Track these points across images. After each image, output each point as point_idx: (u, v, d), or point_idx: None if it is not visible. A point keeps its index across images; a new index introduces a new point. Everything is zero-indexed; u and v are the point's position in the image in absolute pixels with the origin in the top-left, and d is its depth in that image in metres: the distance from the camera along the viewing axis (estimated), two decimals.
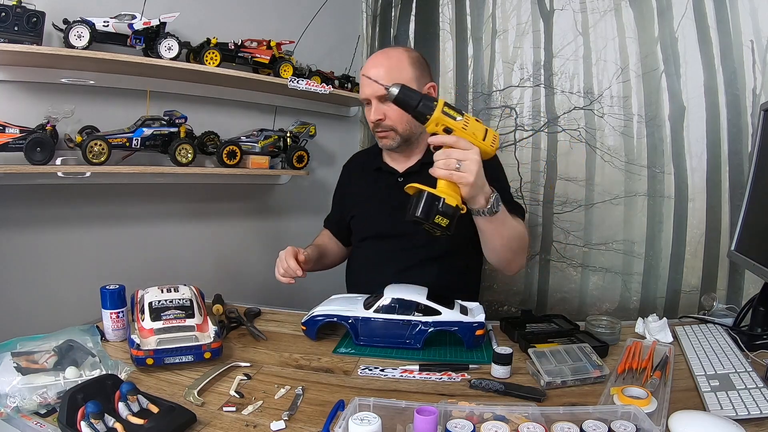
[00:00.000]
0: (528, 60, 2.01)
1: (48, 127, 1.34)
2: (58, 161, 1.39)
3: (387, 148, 1.33)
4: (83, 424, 0.71)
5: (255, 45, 1.76)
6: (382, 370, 0.97)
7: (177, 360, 0.95)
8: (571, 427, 0.67)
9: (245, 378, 0.92)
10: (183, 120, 1.58)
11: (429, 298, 1.07)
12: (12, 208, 1.43)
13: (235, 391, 0.87)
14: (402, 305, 1.06)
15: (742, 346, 1.00)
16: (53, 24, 1.36)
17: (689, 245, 1.82)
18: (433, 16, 2.19)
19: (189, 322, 1.01)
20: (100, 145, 1.39)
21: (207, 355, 0.97)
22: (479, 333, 1.04)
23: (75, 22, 1.34)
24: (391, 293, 1.08)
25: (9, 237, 1.44)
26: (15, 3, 1.26)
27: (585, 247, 1.97)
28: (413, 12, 2.24)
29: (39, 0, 1.29)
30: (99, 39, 1.40)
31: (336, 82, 2.05)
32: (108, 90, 1.55)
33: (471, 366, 0.97)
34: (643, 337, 1.10)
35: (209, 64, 1.61)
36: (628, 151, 1.88)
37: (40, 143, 1.30)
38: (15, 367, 0.83)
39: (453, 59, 2.16)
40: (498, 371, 0.93)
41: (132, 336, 0.97)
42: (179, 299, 1.06)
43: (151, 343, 0.95)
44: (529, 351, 0.96)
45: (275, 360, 1.02)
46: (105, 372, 0.87)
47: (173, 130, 1.56)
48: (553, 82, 1.97)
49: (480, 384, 0.88)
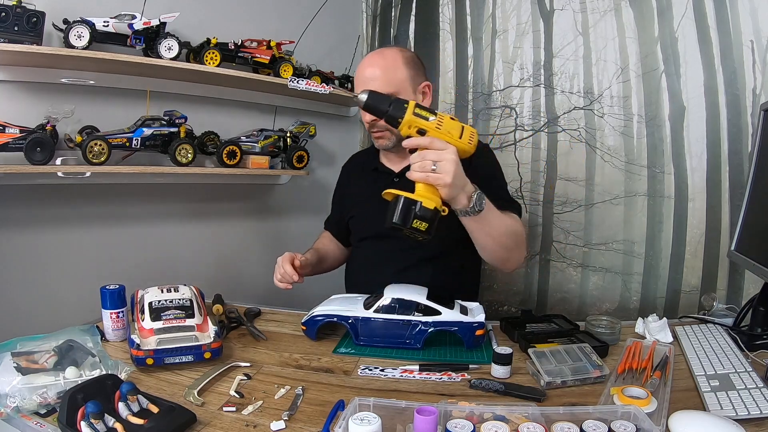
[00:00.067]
0: (528, 60, 2.01)
1: (48, 127, 1.34)
2: (58, 161, 1.39)
3: (383, 148, 1.33)
4: (83, 424, 0.71)
5: (255, 45, 1.76)
6: (382, 370, 0.97)
7: (177, 360, 0.95)
8: (571, 427, 0.67)
9: (245, 378, 0.92)
10: (183, 120, 1.58)
11: (429, 298, 1.07)
12: (12, 208, 1.43)
13: (235, 391, 0.87)
14: (402, 305, 1.06)
15: (742, 346, 1.00)
16: (53, 24, 1.36)
17: (689, 245, 1.82)
18: (433, 16, 2.19)
19: (189, 322, 1.01)
20: (100, 145, 1.39)
21: (207, 355, 0.97)
22: (479, 333, 1.04)
23: (75, 22, 1.34)
24: (391, 293, 1.08)
25: (9, 237, 1.44)
26: (15, 3, 1.26)
27: (585, 247, 1.97)
28: (413, 12, 2.24)
29: (39, 0, 1.29)
30: (99, 39, 1.40)
31: (336, 82, 2.06)
32: (108, 90, 1.55)
33: (471, 366, 0.97)
34: (643, 337, 1.10)
35: (209, 64, 1.61)
36: (628, 151, 1.88)
37: (40, 143, 1.30)
38: (15, 367, 0.83)
39: (453, 59, 2.16)
40: (498, 371, 0.93)
41: (132, 336, 0.97)
42: (179, 299, 1.06)
43: (151, 343, 0.95)
44: (529, 351, 0.96)
45: (275, 360, 1.02)
46: (105, 372, 0.87)
47: (173, 130, 1.56)
48: (553, 82, 1.97)
49: (480, 384, 0.88)
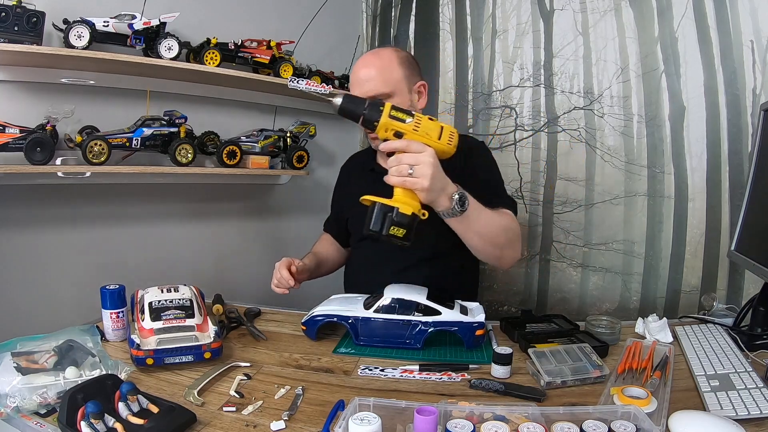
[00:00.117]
0: (528, 60, 2.01)
1: (48, 127, 1.34)
2: (58, 161, 1.39)
3: (378, 148, 1.33)
4: (83, 424, 0.71)
5: (255, 45, 1.76)
6: (382, 370, 0.97)
7: (177, 360, 0.95)
8: (571, 427, 0.67)
9: (245, 378, 0.92)
10: (183, 120, 1.58)
11: (429, 298, 1.07)
12: (12, 208, 1.43)
13: (235, 391, 0.87)
14: (402, 305, 1.06)
15: (742, 346, 1.00)
16: (53, 24, 1.36)
17: (689, 245, 1.82)
18: (433, 16, 2.19)
19: (189, 322, 1.01)
20: (100, 145, 1.39)
21: (207, 355, 0.97)
22: (479, 333, 1.04)
23: (75, 22, 1.34)
24: (391, 293, 1.08)
25: (9, 237, 1.44)
26: (15, 3, 1.26)
27: (585, 247, 1.97)
28: (413, 12, 2.23)
29: (39, 0, 1.29)
30: (99, 39, 1.40)
31: (336, 82, 2.05)
32: (108, 90, 1.55)
33: (471, 366, 0.97)
34: (643, 337, 1.10)
35: (209, 64, 1.61)
36: (628, 151, 1.88)
37: (40, 143, 1.30)
38: (15, 367, 0.83)
39: (453, 59, 2.16)
40: (498, 371, 0.93)
41: (132, 336, 0.97)
42: (179, 299, 1.06)
43: (151, 343, 0.95)
44: (529, 351, 0.96)
45: (275, 360, 1.02)
46: (105, 372, 0.87)
47: (173, 130, 1.56)
48: (553, 82, 1.97)
49: (480, 384, 0.88)
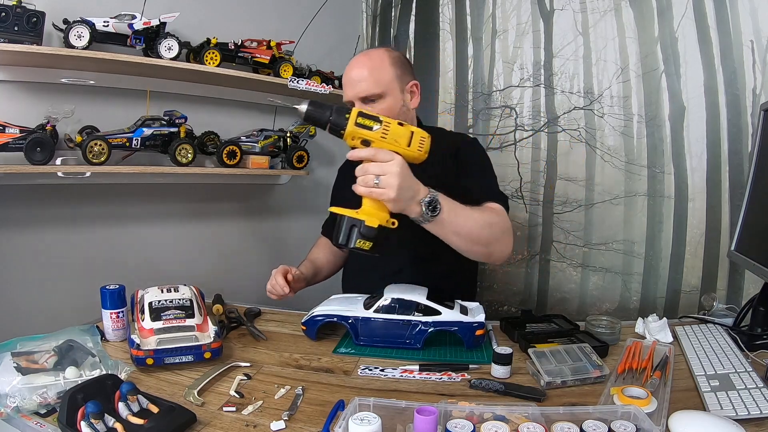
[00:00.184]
0: (528, 60, 2.01)
1: (48, 127, 1.34)
2: (58, 161, 1.39)
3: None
4: (83, 424, 0.71)
5: (255, 45, 1.76)
6: (382, 370, 0.97)
7: (177, 360, 0.95)
8: (571, 427, 0.67)
9: (245, 378, 0.92)
10: (183, 120, 1.58)
11: (429, 298, 1.07)
12: (12, 208, 1.43)
13: (235, 391, 0.87)
14: (402, 305, 1.06)
15: (742, 346, 1.00)
16: (53, 24, 1.36)
17: (689, 245, 1.82)
18: (433, 16, 2.19)
19: (189, 322, 1.01)
20: (100, 145, 1.39)
21: (207, 355, 0.97)
22: (479, 333, 1.04)
23: (75, 22, 1.34)
24: (391, 293, 1.08)
25: (9, 237, 1.44)
26: (15, 3, 1.26)
27: (585, 247, 1.97)
28: (413, 12, 2.23)
29: (39, 0, 1.30)
30: (99, 39, 1.40)
31: (336, 81, 2.05)
32: (108, 90, 1.56)
33: (471, 366, 0.97)
34: (643, 337, 1.10)
35: (209, 64, 1.61)
36: (628, 151, 1.88)
37: (40, 143, 1.30)
38: (15, 367, 0.83)
39: (453, 59, 2.16)
40: (498, 371, 0.93)
41: (132, 336, 0.97)
42: (179, 299, 1.06)
43: (151, 343, 0.95)
44: (529, 351, 0.96)
45: (275, 360, 1.02)
46: (105, 372, 0.87)
47: (173, 130, 1.56)
48: (553, 82, 1.97)
49: (480, 384, 0.88)
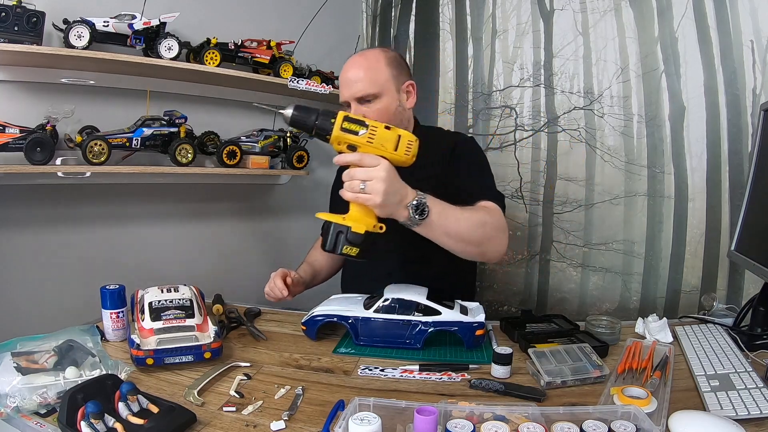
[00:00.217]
0: (528, 60, 2.01)
1: (48, 127, 1.34)
2: (58, 161, 1.39)
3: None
4: (83, 424, 0.71)
5: (255, 45, 1.76)
6: (382, 370, 0.97)
7: (177, 360, 0.95)
8: (571, 427, 0.67)
9: (245, 378, 0.92)
10: (183, 120, 1.58)
11: (429, 297, 1.07)
12: (12, 208, 1.43)
13: (235, 391, 0.87)
14: (402, 305, 1.06)
15: (742, 346, 1.00)
16: (53, 24, 1.36)
17: (689, 245, 1.81)
18: (433, 16, 2.19)
19: (189, 322, 1.01)
20: (100, 145, 1.39)
21: (207, 355, 0.97)
22: (479, 333, 1.04)
23: (75, 22, 1.34)
24: (391, 293, 1.08)
25: (9, 237, 1.44)
26: (15, 3, 1.26)
27: (585, 247, 1.97)
28: (413, 12, 2.23)
29: (39, 0, 1.30)
30: (99, 39, 1.40)
31: (336, 81, 2.05)
32: (108, 90, 1.56)
33: (471, 366, 0.97)
34: (643, 337, 1.10)
35: (209, 64, 1.61)
36: (628, 151, 1.88)
37: (40, 143, 1.30)
38: (15, 367, 0.83)
39: (453, 59, 2.16)
40: (498, 371, 0.93)
41: (132, 336, 0.97)
42: (179, 299, 1.06)
43: (151, 343, 0.95)
44: (529, 351, 0.96)
45: (275, 360, 1.02)
46: (105, 372, 0.87)
47: (173, 130, 1.56)
48: (553, 82, 1.97)
49: (480, 384, 0.88)
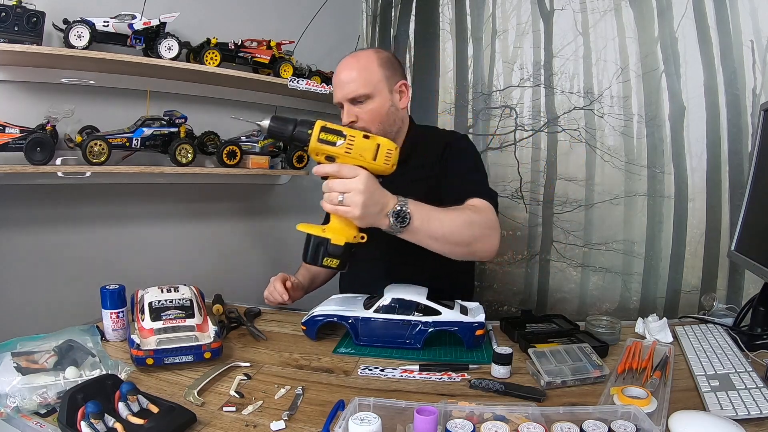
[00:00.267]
0: (528, 60, 2.01)
1: (48, 127, 1.34)
2: (58, 161, 1.39)
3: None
4: (83, 424, 0.71)
5: (255, 45, 1.76)
6: (382, 370, 0.97)
7: (177, 360, 0.95)
8: (571, 427, 0.67)
9: (245, 378, 0.92)
10: (183, 120, 1.58)
11: (429, 297, 1.07)
12: (12, 208, 1.43)
13: (235, 391, 0.87)
14: (402, 305, 1.06)
15: (742, 346, 1.00)
16: (53, 24, 1.36)
17: (689, 245, 1.82)
18: (433, 16, 2.19)
19: (189, 322, 1.01)
20: (100, 145, 1.39)
21: (207, 355, 0.97)
22: (479, 333, 1.04)
23: (75, 22, 1.34)
24: (391, 293, 1.08)
25: (9, 237, 1.44)
26: (15, 3, 1.26)
27: (585, 247, 1.97)
28: (413, 12, 2.23)
29: (39, 0, 1.30)
30: (99, 39, 1.40)
31: None
32: (108, 90, 1.56)
33: (471, 366, 0.97)
34: (643, 337, 1.10)
35: (209, 64, 1.61)
36: (628, 151, 1.88)
37: (40, 143, 1.30)
38: (15, 367, 0.83)
39: (453, 59, 2.16)
40: (498, 371, 0.93)
41: (132, 336, 0.97)
42: (179, 299, 1.06)
43: (151, 343, 0.95)
44: (529, 351, 0.96)
45: (275, 360, 1.02)
46: (105, 372, 0.87)
47: (173, 130, 1.56)
48: (553, 82, 1.97)
49: (480, 384, 0.88)
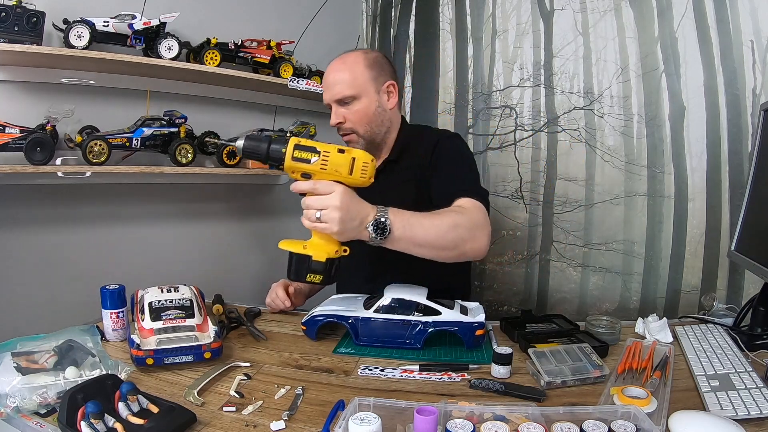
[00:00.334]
0: (528, 60, 2.01)
1: (48, 127, 1.34)
2: (58, 161, 1.39)
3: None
4: (83, 424, 0.71)
5: (255, 45, 1.76)
6: (382, 370, 0.97)
7: (177, 360, 0.95)
8: (571, 427, 0.67)
9: (245, 378, 0.92)
10: (183, 120, 1.58)
11: (429, 297, 1.07)
12: (12, 208, 1.43)
13: (235, 391, 0.87)
14: (402, 305, 1.06)
15: (742, 346, 1.00)
16: (53, 24, 1.36)
17: (689, 245, 1.82)
18: (433, 16, 2.19)
19: (189, 322, 1.01)
20: (100, 145, 1.39)
21: (207, 355, 0.97)
22: (479, 333, 1.04)
23: (75, 22, 1.34)
24: (391, 293, 1.08)
25: (9, 237, 1.44)
26: (15, 3, 1.26)
27: (585, 247, 1.97)
28: (413, 12, 2.23)
29: (39, 0, 1.29)
30: (99, 39, 1.40)
31: None
32: (108, 90, 1.55)
33: (471, 366, 0.97)
34: (643, 337, 1.10)
35: (209, 64, 1.61)
36: (628, 151, 1.88)
37: (40, 143, 1.30)
38: (15, 367, 0.83)
39: (453, 59, 2.16)
40: (498, 371, 0.93)
41: (132, 336, 0.97)
42: (179, 299, 1.06)
43: (151, 343, 0.95)
44: (529, 351, 0.96)
45: (275, 360, 1.02)
46: (105, 372, 0.87)
47: (173, 130, 1.56)
48: (553, 82, 1.97)
49: (480, 384, 0.88)
